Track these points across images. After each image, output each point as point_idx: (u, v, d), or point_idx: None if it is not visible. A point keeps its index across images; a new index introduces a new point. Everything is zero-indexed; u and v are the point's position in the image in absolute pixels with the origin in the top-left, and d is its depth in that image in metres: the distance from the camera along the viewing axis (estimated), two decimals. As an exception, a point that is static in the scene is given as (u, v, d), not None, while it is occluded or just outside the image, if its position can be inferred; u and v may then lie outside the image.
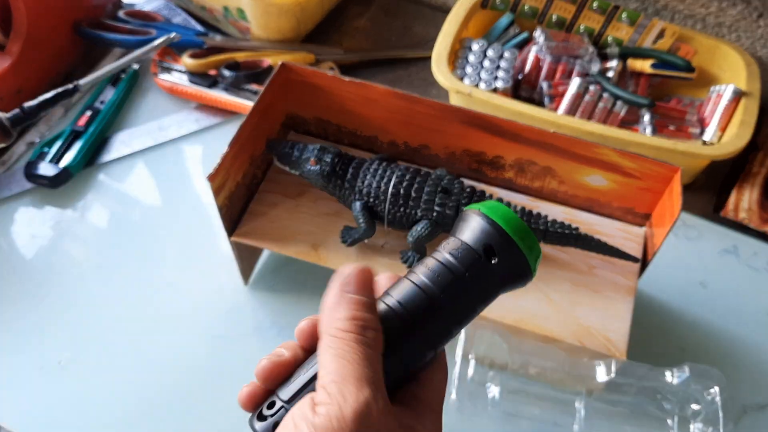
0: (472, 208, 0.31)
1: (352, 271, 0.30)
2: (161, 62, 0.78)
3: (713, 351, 0.61)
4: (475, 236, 0.30)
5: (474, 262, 0.29)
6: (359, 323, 0.28)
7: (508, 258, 0.29)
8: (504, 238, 0.29)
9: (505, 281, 0.30)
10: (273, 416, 0.29)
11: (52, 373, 0.59)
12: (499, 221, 0.29)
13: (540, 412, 0.55)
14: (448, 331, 0.30)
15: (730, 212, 0.69)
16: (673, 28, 0.74)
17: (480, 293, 0.30)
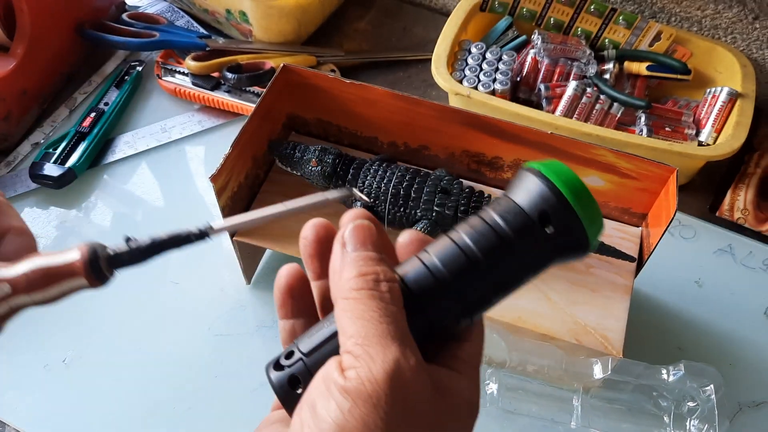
0: (531, 166, 0.27)
1: (348, 230, 0.27)
2: (164, 64, 0.79)
3: (709, 349, 0.62)
4: (530, 199, 0.26)
5: (526, 228, 0.26)
6: (370, 278, 0.26)
7: (565, 228, 0.26)
8: (564, 205, 0.26)
9: (559, 253, 0.27)
10: (290, 367, 0.27)
11: (56, 371, 0.59)
12: (560, 185, 0.26)
13: (538, 409, 0.55)
14: (488, 299, 0.27)
15: (725, 212, 0.69)
16: (670, 30, 0.75)
17: (529, 263, 0.27)
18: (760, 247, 0.68)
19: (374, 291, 0.25)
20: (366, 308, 0.25)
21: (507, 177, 0.61)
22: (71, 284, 0.27)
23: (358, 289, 0.25)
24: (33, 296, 0.27)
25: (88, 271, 0.27)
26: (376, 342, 0.24)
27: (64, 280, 0.27)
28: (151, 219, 0.69)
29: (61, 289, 0.27)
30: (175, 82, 0.78)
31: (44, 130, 0.76)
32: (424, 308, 0.26)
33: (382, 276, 0.26)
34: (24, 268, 0.27)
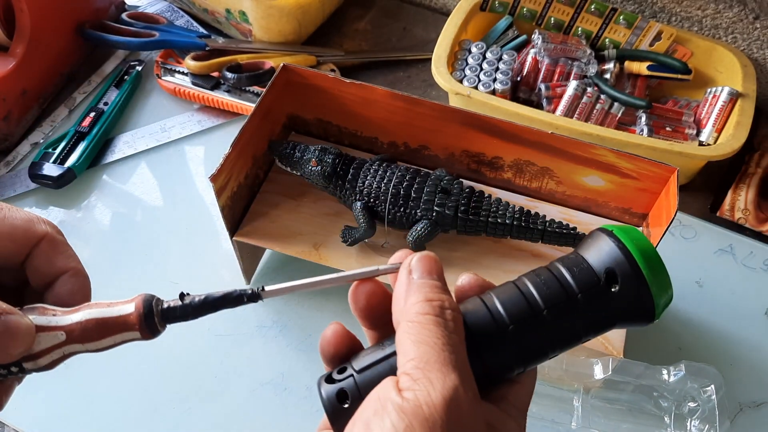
0: (605, 227, 0.27)
1: (416, 258, 0.28)
2: (164, 64, 0.79)
3: (709, 349, 0.62)
4: (599, 257, 0.26)
5: (591, 284, 0.26)
6: (436, 304, 0.26)
7: (631, 289, 0.26)
8: (631, 265, 0.25)
9: (623, 316, 0.26)
10: (341, 381, 0.27)
11: (56, 371, 0.59)
12: (630, 246, 0.26)
13: (538, 409, 0.55)
14: (544, 351, 0.27)
15: (726, 212, 0.69)
16: (670, 30, 0.75)
17: (590, 320, 0.27)
18: (761, 247, 0.68)
19: (439, 318, 0.26)
20: (429, 333, 0.25)
21: (507, 177, 0.61)
22: (124, 336, 0.28)
23: (424, 314, 0.26)
24: (86, 345, 0.28)
25: (142, 325, 0.28)
26: (437, 368, 0.24)
27: (117, 333, 0.28)
28: (150, 219, 0.69)
29: (113, 340, 0.28)
30: (174, 81, 0.78)
31: (44, 130, 0.76)
32: (480, 350, 0.27)
33: (447, 304, 0.26)
34: (79, 317, 0.28)
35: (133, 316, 0.28)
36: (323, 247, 0.58)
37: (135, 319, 0.28)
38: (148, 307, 0.28)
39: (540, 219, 0.55)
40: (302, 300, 0.64)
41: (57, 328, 0.27)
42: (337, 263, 0.57)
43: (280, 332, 0.62)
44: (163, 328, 0.28)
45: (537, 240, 0.56)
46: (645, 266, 0.25)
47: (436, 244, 0.57)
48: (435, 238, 0.56)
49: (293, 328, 0.62)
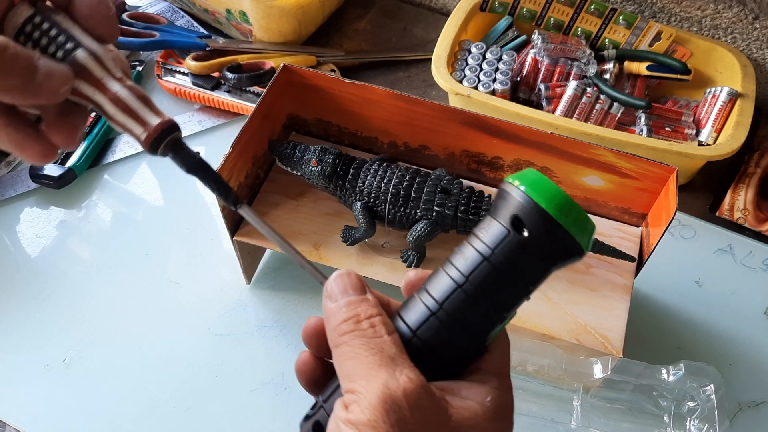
0: (506, 179, 0.27)
1: (331, 281, 0.29)
2: (165, 64, 0.79)
3: (709, 349, 0.62)
4: (502, 210, 0.26)
5: (502, 238, 0.26)
6: (351, 321, 0.28)
7: (541, 229, 0.25)
8: (531, 205, 0.25)
9: (548, 257, 0.26)
10: (313, 416, 0.29)
11: (56, 371, 0.59)
12: (526, 187, 0.25)
13: (538, 409, 0.56)
14: (490, 319, 0.27)
15: (725, 212, 0.69)
16: (670, 30, 0.75)
17: (518, 273, 0.26)
18: (760, 246, 0.68)
19: (356, 331, 0.27)
20: (352, 348, 0.27)
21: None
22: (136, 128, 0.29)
23: (343, 334, 0.27)
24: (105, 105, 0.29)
25: (151, 137, 0.29)
26: (364, 374, 0.26)
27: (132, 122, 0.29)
28: (151, 219, 0.70)
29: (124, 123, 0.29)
30: (175, 82, 0.78)
31: (44, 130, 0.76)
32: (427, 341, 0.27)
33: (362, 315, 0.28)
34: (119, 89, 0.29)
35: (151, 127, 0.29)
36: (323, 247, 0.58)
37: (151, 131, 0.29)
38: (171, 127, 0.30)
39: (540, 219, 0.55)
40: (302, 300, 0.64)
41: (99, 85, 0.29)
42: (338, 263, 0.57)
43: (280, 332, 0.62)
44: (162, 155, 0.31)
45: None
46: (545, 200, 0.25)
47: (435, 244, 0.58)
48: (435, 237, 0.56)
49: (293, 328, 0.62)
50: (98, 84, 0.29)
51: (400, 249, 0.58)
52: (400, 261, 0.57)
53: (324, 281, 0.30)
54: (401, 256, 0.57)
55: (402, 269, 0.57)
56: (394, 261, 0.57)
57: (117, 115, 0.29)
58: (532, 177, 0.26)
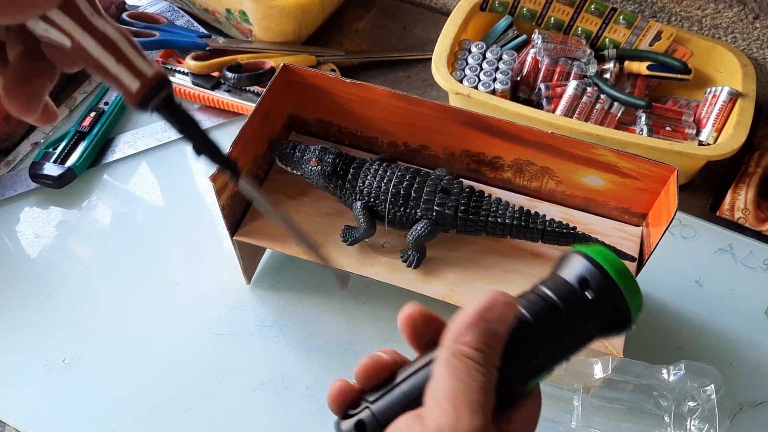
0: (574, 248, 0.30)
1: (500, 299, 0.28)
2: (165, 64, 0.79)
3: (709, 349, 0.62)
4: (571, 271, 0.29)
5: (568, 293, 0.29)
6: (486, 355, 0.27)
7: (604, 295, 0.28)
8: (600, 272, 0.28)
9: (602, 322, 0.29)
10: (356, 415, 0.29)
11: (56, 371, 0.59)
12: (596, 257, 0.29)
13: (538, 408, 0.56)
14: (540, 367, 0.29)
15: (726, 212, 0.69)
16: (670, 29, 0.75)
17: (575, 329, 0.29)
18: (761, 246, 0.68)
19: (483, 367, 0.27)
20: (471, 376, 0.26)
21: (507, 176, 0.61)
22: (125, 77, 0.26)
23: (470, 358, 0.27)
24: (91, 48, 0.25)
25: (150, 83, 0.26)
26: (466, 406, 0.26)
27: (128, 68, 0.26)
28: (151, 219, 0.70)
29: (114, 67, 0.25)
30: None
31: (44, 130, 0.76)
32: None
33: (494, 358, 0.27)
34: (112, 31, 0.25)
35: (145, 76, 0.26)
36: (323, 247, 0.58)
37: (145, 81, 0.26)
38: (163, 81, 0.26)
39: (540, 219, 0.55)
40: (302, 299, 0.64)
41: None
42: (338, 263, 0.57)
43: (281, 332, 0.62)
44: (152, 110, 0.27)
45: (537, 240, 0.56)
46: (612, 271, 0.28)
47: (436, 244, 0.57)
48: (435, 237, 0.56)
49: (293, 328, 0.62)
50: (83, 20, 0.24)
51: (400, 249, 0.58)
52: (400, 261, 0.57)
53: (318, 256, 0.29)
54: (401, 255, 0.57)
55: (402, 269, 0.57)
56: (394, 261, 0.57)
57: (104, 59, 0.25)
58: (600, 249, 0.30)
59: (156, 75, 0.26)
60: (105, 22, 0.25)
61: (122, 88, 0.26)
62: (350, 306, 0.63)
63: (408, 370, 0.29)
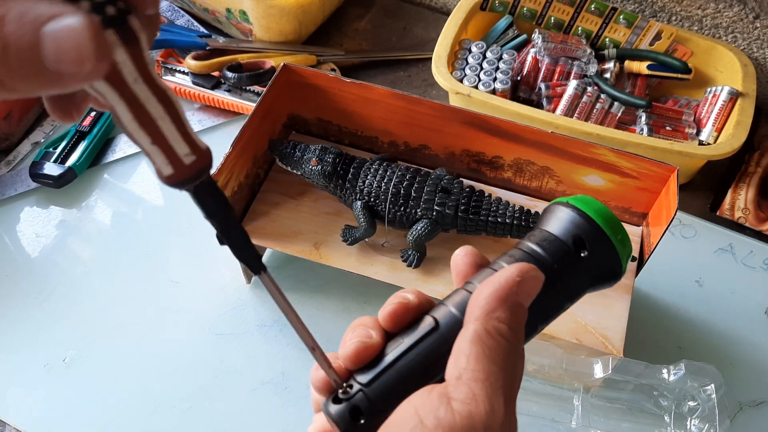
0: (560, 200, 0.29)
1: (534, 275, 0.26)
2: (165, 63, 0.79)
3: (709, 348, 0.62)
4: (563, 227, 0.28)
5: (563, 253, 0.27)
6: (518, 336, 0.25)
7: (599, 252, 0.27)
8: (595, 229, 0.27)
9: (594, 278, 0.28)
10: (350, 400, 0.26)
11: (56, 370, 0.59)
12: (590, 213, 0.27)
13: (538, 408, 0.56)
14: (533, 328, 0.28)
15: (726, 211, 0.69)
16: (670, 29, 0.75)
17: (567, 288, 0.28)
18: (761, 246, 0.68)
19: (516, 349, 0.25)
20: (506, 359, 0.24)
21: (507, 176, 0.61)
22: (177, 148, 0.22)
23: (505, 337, 0.25)
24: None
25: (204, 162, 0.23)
26: (502, 396, 0.23)
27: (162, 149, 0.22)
28: (151, 218, 0.69)
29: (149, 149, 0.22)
30: (175, 81, 0.78)
31: (44, 130, 0.76)
32: None
33: (522, 339, 0.26)
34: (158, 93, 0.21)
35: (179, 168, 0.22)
36: (323, 246, 0.58)
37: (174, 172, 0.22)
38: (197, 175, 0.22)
39: (540, 218, 0.55)
40: (302, 299, 0.64)
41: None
42: (338, 262, 0.57)
43: (281, 331, 0.62)
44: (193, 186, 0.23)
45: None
46: (607, 228, 0.27)
47: (436, 244, 0.57)
48: (435, 237, 0.56)
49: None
50: (122, 86, 0.20)
51: (400, 248, 0.58)
52: (401, 260, 0.57)
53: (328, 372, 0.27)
54: (401, 255, 0.57)
55: (402, 269, 0.57)
56: (395, 260, 0.57)
57: (138, 136, 0.21)
58: (592, 202, 0.28)
59: (193, 165, 0.22)
60: (149, 91, 0.21)
61: (154, 166, 0.22)
62: (351, 306, 0.63)
63: (400, 346, 0.27)
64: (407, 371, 0.26)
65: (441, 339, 0.26)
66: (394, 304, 0.28)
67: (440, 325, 0.27)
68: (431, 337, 0.26)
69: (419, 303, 0.28)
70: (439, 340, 0.26)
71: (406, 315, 0.28)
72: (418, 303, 0.28)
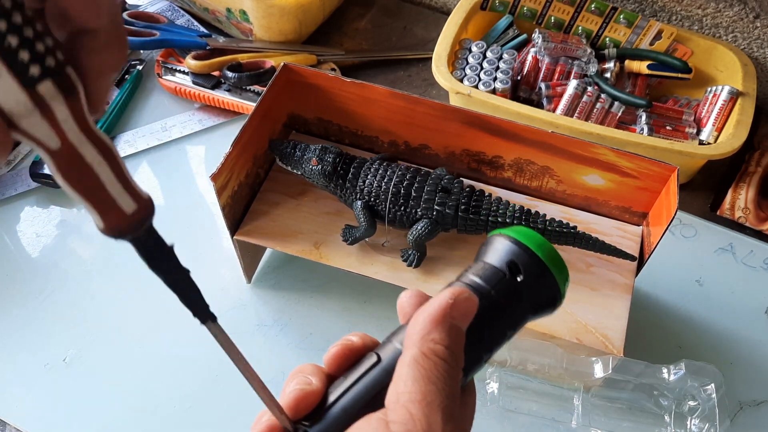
0: (495, 232, 0.30)
1: (465, 297, 0.27)
2: (165, 63, 0.79)
3: (709, 348, 0.62)
4: (498, 256, 0.29)
5: (498, 279, 0.28)
6: (456, 357, 0.26)
7: (535, 276, 0.28)
8: (530, 255, 0.28)
9: (534, 303, 0.29)
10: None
11: (57, 370, 0.59)
12: (522, 239, 0.28)
13: (538, 408, 0.56)
14: (479, 358, 0.28)
15: (726, 211, 0.69)
16: (671, 29, 0.75)
17: (508, 315, 0.28)
18: (761, 246, 0.68)
19: (453, 370, 0.25)
20: (441, 378, 0.25)
21: (507, 176, 0.61)
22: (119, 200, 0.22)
23: (442, 360, 0.25)
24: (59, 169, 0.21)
25: (144, 212, 0.23)
26: (439, 414, 0.24)
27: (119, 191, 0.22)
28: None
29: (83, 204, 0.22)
30: (175, 81, 0.78)
31: (45, 129, 0.76)
32: None
33: (460, 360, 0.26)
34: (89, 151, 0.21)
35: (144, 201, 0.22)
36: (324, 246, 0.58)
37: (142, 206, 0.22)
38: (149, 217, 0.23)
39: (540, 218, 0.55)
40: (303, 299, 0.64)
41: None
42: (338, 262, 0.57)
43: (281, 331, 0.62)
44: (133, 237, 0.24)
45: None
46: (539, 251, 0.28)
47: (436, 243, 0.57)
48: (435, 237, 0.56)
49: (294, 327, 0.62)
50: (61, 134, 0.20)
51: (400, 248, 0.58)
52: (401, 260, 0.57)
53: (279, 418, 0.27)
54: (402, 255, 0.57)
55: (402, 268, 0.57)
56: (395, 260, 0.57)
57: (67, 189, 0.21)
58: (523, 230, 0.29)
59: (134, 215, 0.22)
60: (88, 143, 0.20)
61: (93, 216, 0.22)
62: (351, 305, 0.63)
63: (343, 384, 0.27)
64: (351, 406, 0.27)
65: (383, 372, 0.27)
66: (338, 347, 0.29)
67: (382, 359, 0.27)
68: (373, 371, 0.27)
69: (363, 344, 0.29)
70: (382, 373, 0.27)
71: (350, 357, 0.28)
72: (363, 344, 0.29)
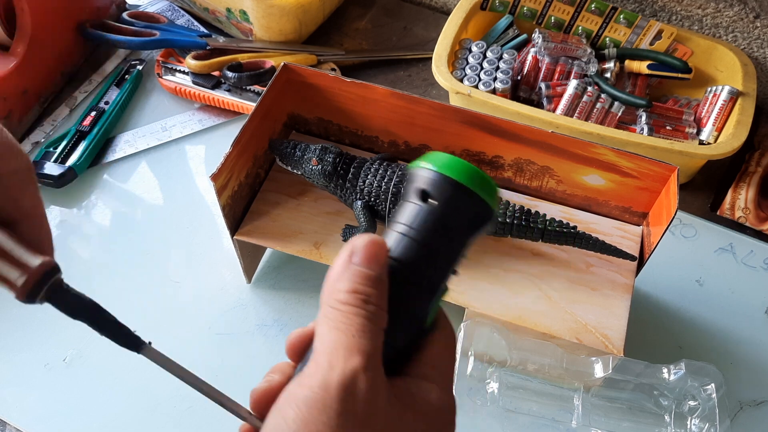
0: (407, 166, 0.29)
1: (362, 241, 0.27)
2: (165, 63, 0.79)
3: (709, 348, 0.62)
4: (409, 189, 0.28)
5: (416, 212, 0.27)
6: (361, 297, 0.26)
7: (447, 195, 0.27)
8: (434, 176, 0.27)
9: (462, 222, 0.28)
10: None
11: (57, 370, 0.59)
12: (426, 164, 0.28)
13: (538, 407, 0.56)
14: (426, 296, 0.28)
15: (726, 211, 0.69)
16: (671, 29, 0.75)
17: (441, 242, 0.27)
18: (761, 246, 0.68)
19: (360, 309, 0.26)
20: (347, 321, 0.25)
21: (507, 176, 0.61)
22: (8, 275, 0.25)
23: (345, 303, 0.26)
24: None
25: (32, 281, 0.25)
26: (341, 352, 0.24)
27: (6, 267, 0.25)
28: (151, 218, 0.69)
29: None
30: (175, 80, 0.78)
31: (45, 129, 0.76)
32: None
33: (373, 299, 0.26)
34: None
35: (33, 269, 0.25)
36: (324, 246, 0.58)
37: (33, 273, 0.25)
38: (51, 271, 0.25)
39: (540, 218, 0.55)
40: (303, 299, 0.64)
41: None
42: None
43: (281, 331, 0.62)
44: (41, 300, 0.26)
45: (537, 239, 0.56)
46: (445, 170, 0.27)
47: (436, 243, 0.57)
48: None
49: (294, 327, 0.62)
50: None
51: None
52: (401, 260, 0.57)
53: (247, 419, 0.28)
54: (402, 255, 0.57)
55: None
56: (395, 260, 0.57)
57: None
58: (429, 155, 0.28)
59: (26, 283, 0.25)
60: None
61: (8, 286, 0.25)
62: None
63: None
64: None
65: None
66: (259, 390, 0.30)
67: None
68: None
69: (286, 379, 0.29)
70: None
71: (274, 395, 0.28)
72: (286, 379, 0.29)
